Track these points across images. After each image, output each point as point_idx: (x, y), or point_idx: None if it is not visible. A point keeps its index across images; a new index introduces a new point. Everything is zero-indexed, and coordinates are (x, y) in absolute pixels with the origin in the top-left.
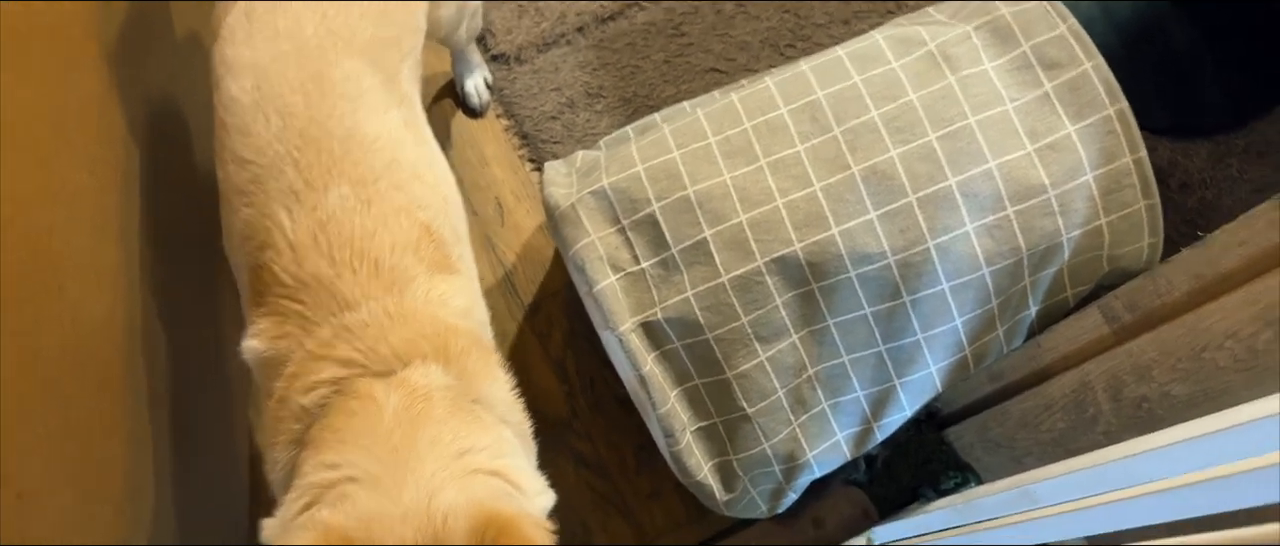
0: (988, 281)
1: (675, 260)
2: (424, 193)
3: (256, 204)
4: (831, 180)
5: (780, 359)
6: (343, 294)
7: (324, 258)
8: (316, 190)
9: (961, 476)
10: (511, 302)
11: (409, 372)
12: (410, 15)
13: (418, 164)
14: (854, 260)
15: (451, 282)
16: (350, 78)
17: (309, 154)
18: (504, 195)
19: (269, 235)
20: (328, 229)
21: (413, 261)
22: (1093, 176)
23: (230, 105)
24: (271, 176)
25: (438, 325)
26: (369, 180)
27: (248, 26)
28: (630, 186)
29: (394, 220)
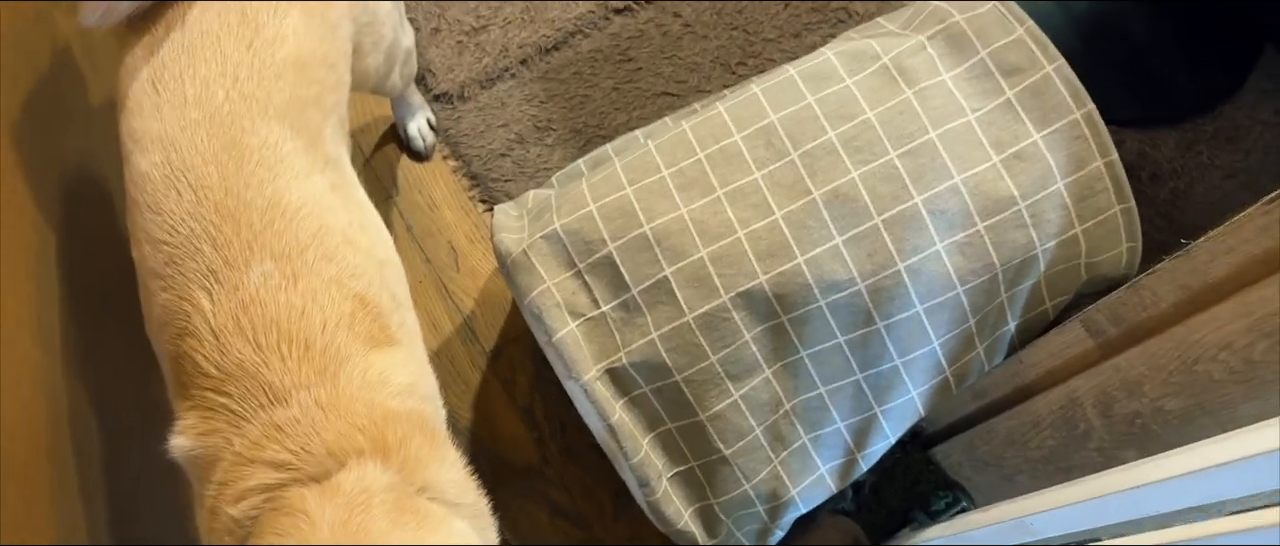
0: (963, 300)
1: (636, 301)
2: (356, 260)
3: (174, 287)
4: (792, 207)
5: (754, 396)
6: (271, 383)
7: (249, 343)
8: (237, 269)
9: (952, 496)
10: (472, 349)
11: (344, 477)
12: (331, 71)
13: (348, 229)
14: (822, 289)
15: (391, 357)
16: (268, 144)
17: (227, 229)
18: (457, 239)
19: (189, 320)
20: (251, 311)
21: (347, 339)
22: (1063, 184)
23: (140, 182)
24: (188, 256)
25: (375, 413)
26: (294, 253)
27: (155, 96)
28: (583, 227)
29: (324, 294)
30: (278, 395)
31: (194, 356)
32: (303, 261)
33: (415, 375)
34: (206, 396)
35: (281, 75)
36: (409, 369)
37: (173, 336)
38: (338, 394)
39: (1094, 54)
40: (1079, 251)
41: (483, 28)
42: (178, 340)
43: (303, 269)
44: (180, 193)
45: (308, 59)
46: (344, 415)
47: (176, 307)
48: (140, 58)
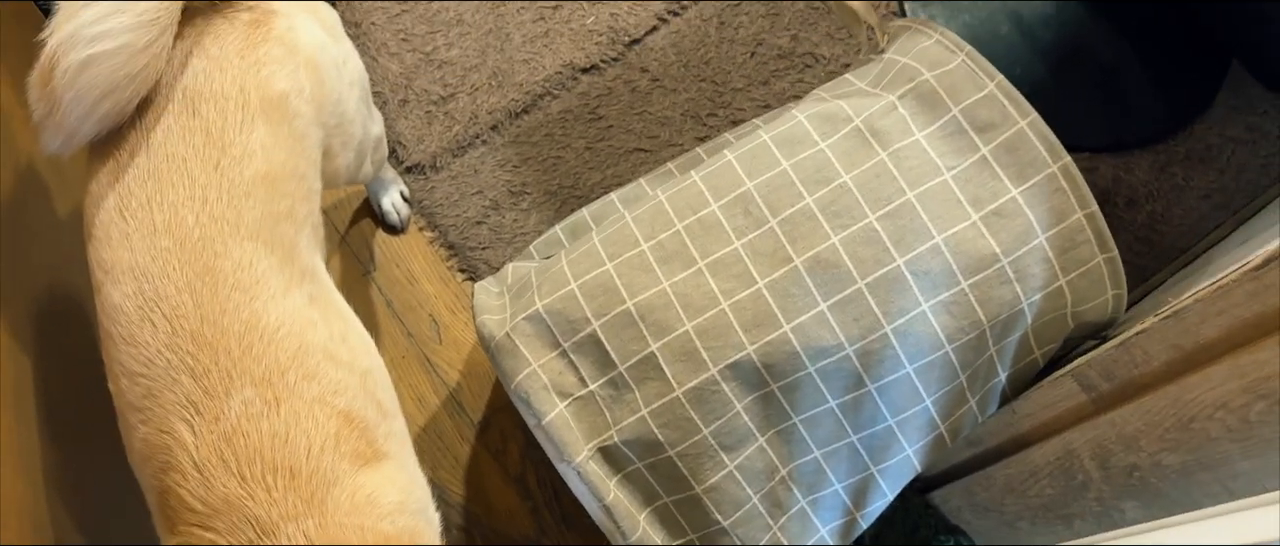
0: (952, 358)
1: (624, 378)
2: (339, 375)
3: (153, 420)
4: (775, 275)
5: (749, 465)
6: (258, 517)
7: (234, 476)
8: (217, 398)
9: (954, 541)
10: (460, 421)
11: None
12: (301, 182)
13: (329, 343)
14: (811, 355)
15: (380, 473)
16: (243, 266)
17: (205, 358)
18: (438, 311)
19: (171, 455)
20: (234, 442)
21: (333, 461)
22: (1045, 238)
23: (113, 314)
24: (166, 388)
25: (365, 539)
26: (275, 376)
27: (123, 225)
28: (566, 307)
29: (307, 417)
30: (265, 529)
31: (179, 491)
32: (284, 384)
33: (406, 488)
34: (193, 532)
35: (251, 193)
36: (399, 483)
37: (156, 471)
38: (326, 523)
39: (1062, 82)
40: (1064, 302)
41: (450, 96)
42: (161, 475)
43: (284, 392)
44: (155, 324)
45: (277, 173)
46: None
47: (158, 441)
48: (106, 184)
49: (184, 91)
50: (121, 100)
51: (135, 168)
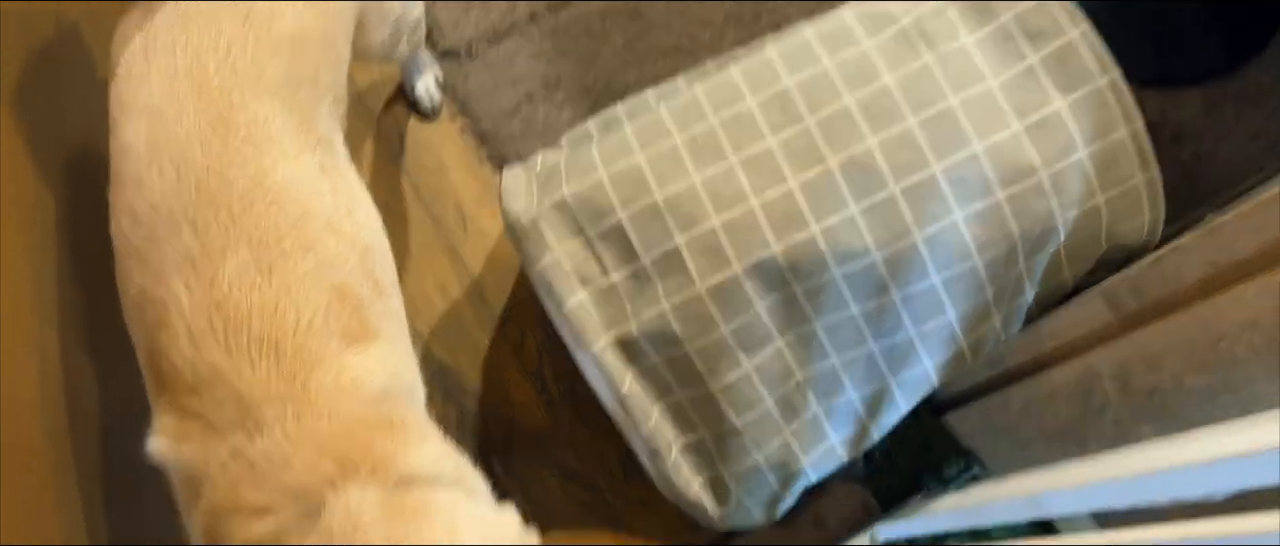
0: (981, 271)
1: (647, 271)
2: (338, 248)
3: (151, 270)
4: (808, 175)
5: (766, 367)
6: (241, 394)
7: (220, 346)
8: (214, 258)
9: (965, 462)
10: (481, 313)
11: (329, 518)
12: (330, 49)
13: (333, 215)
14: (837, 259)
15: (367, 354)
16: (257, 121)
17: (206, 212)
18: (465, 201)
19: (165, 312)
20: (225, 309)
21: (320, 339)
22: (1086, 153)
23: (124, 152)
24: (167, 238)
25: (337, 427)
26: (272, 241)
27: (145, 64)
28: (594, 195)
29: (298, 289)
30: (247, 409)
31: (169, 354)
32: (280, 251)
33: (393, 369)
34: (181, 399)
35: (277, 51)
36: (387, 363)
37: (148, 328)
38: (307, 407)
39: (1116, 12)
40: (1100, 221)
41: None
42: (154, 332)
43: (279, 259)
44: (162, 168)
45: (306, 36)
46: (310, 438)
47: (153, 295)
48: (134, 24)
49: None
50: None
51: (166, 10)
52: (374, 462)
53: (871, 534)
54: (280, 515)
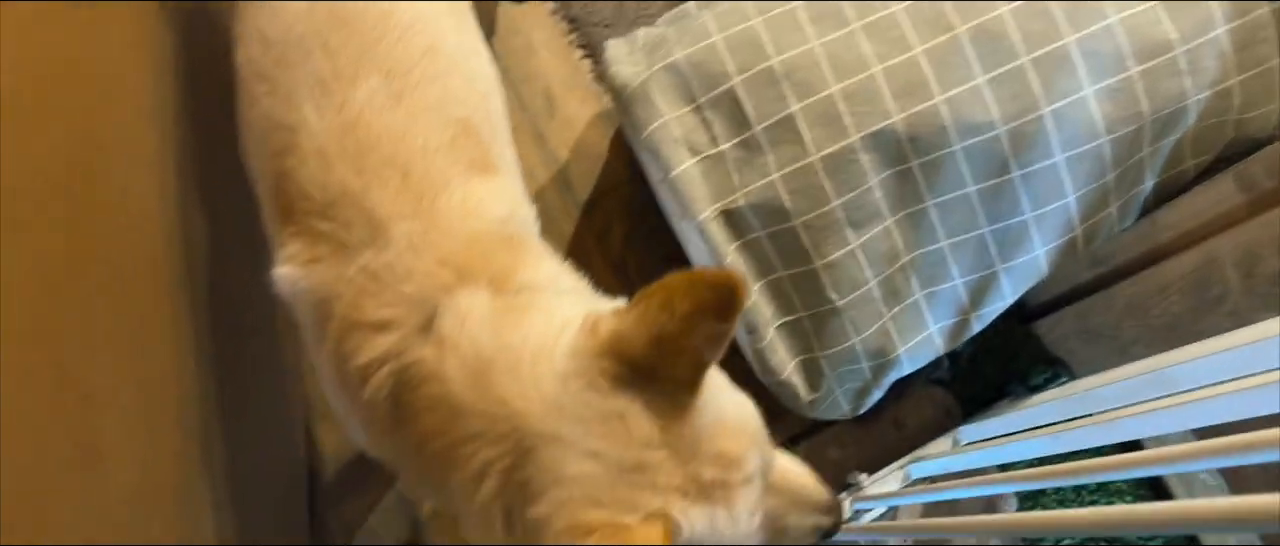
0: (1106, 151)
1: (758, 140)
2: (462, 86)
3: (279, 92)
4: (934, 43)
5: (873, 245)
6: (371, 211)
7: (351, 167)
8: (345, 81)
9: (1052, 371)
10: (566, 200)
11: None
12: None
13: (457, 54)
14: (960, 131)
15: (488, 185)
16: None
17: (339, 36)
18: (552, 85)
19: (293, 136)
20: (356, 131)
21: (446, 164)
22: (1225, 30)
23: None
24: (299, 61)
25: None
26: (401, 70)
27: None
28: (707, 59)
29: (426, 117)
30: (376, 226)
31: (296, 177)
32: (408, 80)
33: (511, 204)
34: (310, 223)
35: None
36: (506, 198)
37: (274, 152)
38: (433, 225)
39: None
40: (1231, 105)
41: None
42: (280, 157)
43: (407, 88)
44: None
45: None
46: (433, 250)
47: (282, 119)
48: None
49: None
50: None
51: None
52: (492, 274)
53: (955, 435)
54: (402, 329)
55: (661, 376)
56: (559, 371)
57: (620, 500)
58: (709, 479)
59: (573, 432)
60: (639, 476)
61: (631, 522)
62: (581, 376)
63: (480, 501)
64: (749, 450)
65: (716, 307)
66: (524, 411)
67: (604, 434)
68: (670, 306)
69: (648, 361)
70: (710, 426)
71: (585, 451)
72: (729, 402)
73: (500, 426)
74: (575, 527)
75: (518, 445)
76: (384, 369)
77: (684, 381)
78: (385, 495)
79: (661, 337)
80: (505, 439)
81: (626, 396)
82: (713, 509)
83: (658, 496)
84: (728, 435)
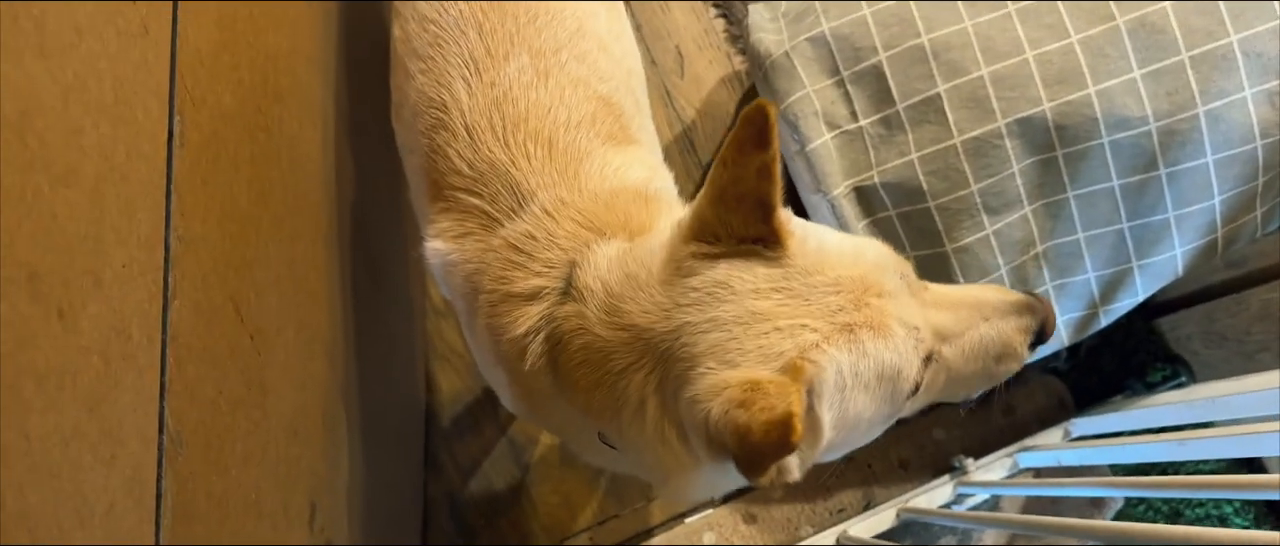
0: (1258, 155)
1: (900, 118)
2: (606, 64)
3: (434, 70)
4: (1092, 32)
5: (1008, 232)
6: (518, 183)
7: (498, 142)
8: (496, 60)
9: (1171, 369)
10: (689, 161)
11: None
12: None
13: (605, 35)
14: (1109, 124)
15: (628, 153)
16: None
17: (494, 17)
18: (685, 43)
19: (445, 112)
20: (503, 108)
21: (587, 137)
22: None
23: None
24: (453, 40)
25: (601, 201)
26: (549, 50)
27: None
28: (854, 32)
29: (571, 93)
30: (523, 196)
31: (448, 151)
32: (555, 59)
33: (650, 170)
34: (459, 197)
35: None
36: (644, 166)
37: (426, 127)
38: (574, 192)
39: None
40: None
41: None
42: (432, 133)
43: (554, 66)
44: None
45: None
46: (573, 214)
47: (434, 95)
48: None
49: None
50: None
51: None
52: (630, 229)
53: (1066, 428)
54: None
55: (744, 234)
56: (661, 277)
57: (751, 352)
58: (836, 305)
59: (692, 316)
60: (761, 325)
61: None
62: (679, 270)
63: (650, 431)
64: (872, 271)
65: (754, 137)
66: (647, 325)
67: (716, 303)
68: (723, 159)
69: (725, 223)
70: (816, 261)
71: (706, 325)
72: (834, 238)
73: (638, 349)
74: (714, 390)
75: (657, 358)
76: (538, 337)
77: (764, 227)
78: (497, 441)
79: (723, 192)
80: (645, 358)
81: (724, 265)
82: (854, 335)
83: (786, 338)
84: (840, 263)
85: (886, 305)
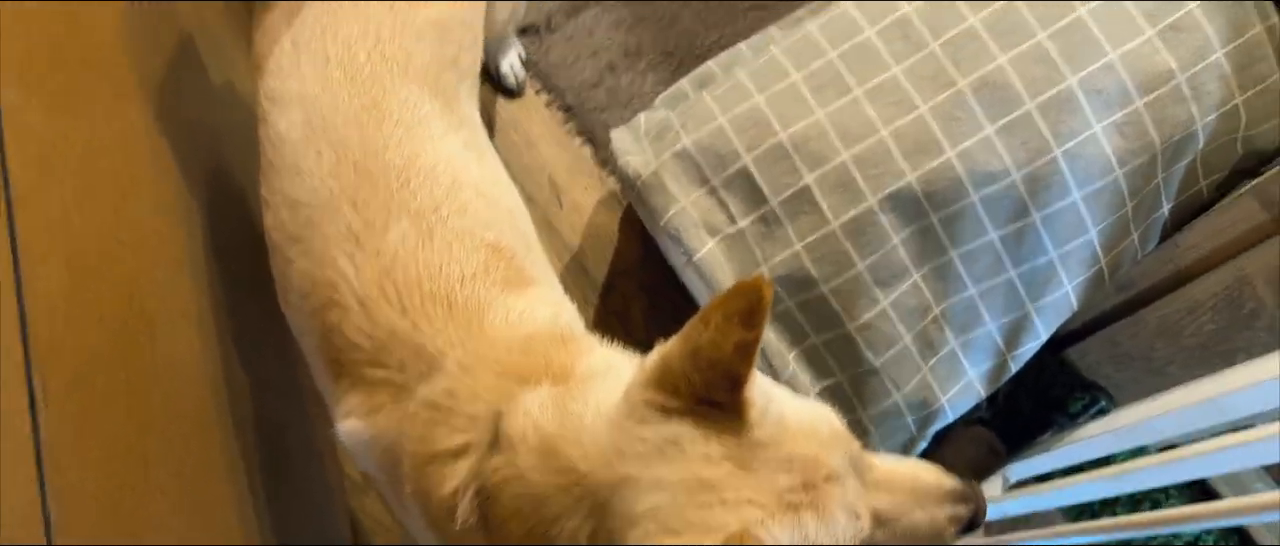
0: (1121, 184)
1: (776, 214)
2: (488, 211)
3: (313, 252)
4: (938, 99)
5: (903, 302)
6: (423, 347)
7: (396, 310)
8: (377, 230)
9: (1090, 396)
10: (583, 285)
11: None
12: (468, 31)
13: (480, 182)
14: (975, 182)
15: (528, 295)
16: (407, 104)
17: (366, 190)
18: (557, 174)
19: (334, 289)
20: (393, 274)
21: (484, 287)
22: (1223, 53)
23: (278, 143)
24: (328, 219)
25: (516, 349)
26: (428, 209)
27: (295, 57)
28: (715, 142)
29: (459, 248)
30: (430, 359)
31: (342, 329)
32: (437, 216)
33: (555, 307)
34: (364, 372)
35: (422, 36)
36: (548, 302)
37: (317, 308)
38: (484, 344)
39: None
40: (1238, 124)
41: None
42: (323, 313)
43: (437, 224)
44: (320, 152)
45: (448, 19)
46: (490, 366)
47: (319, 276)
48: (280, 20)
49: None
50: None
51: (311, 6)
52: (552, 373)
53: (1004, 475)
54: (477, 449)
55: (708, 396)
56: (611, 419)
57: (693, 523)
58: (785, 485)
59: (636, 470)
60: (707, 495)
61: None
62: (631, 415)
63: None
64: (823, 450)
65: (744, 312)
66: (588, 470)
67: (664, 463)
68: (706, 318)
69: (689, 381)
70: (773, 434)
71: (650, 484)
72: (791, 409)
73: (575, 494)
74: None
75: (594, 505)
76: (468, 494)
77: (728, 397)
78: None
79: (698, 351)
80: (582, 504)
81: (678, 422)
82: (797, 516)
83: (730, 513)
84: (794, 439)
85: (833, 490)
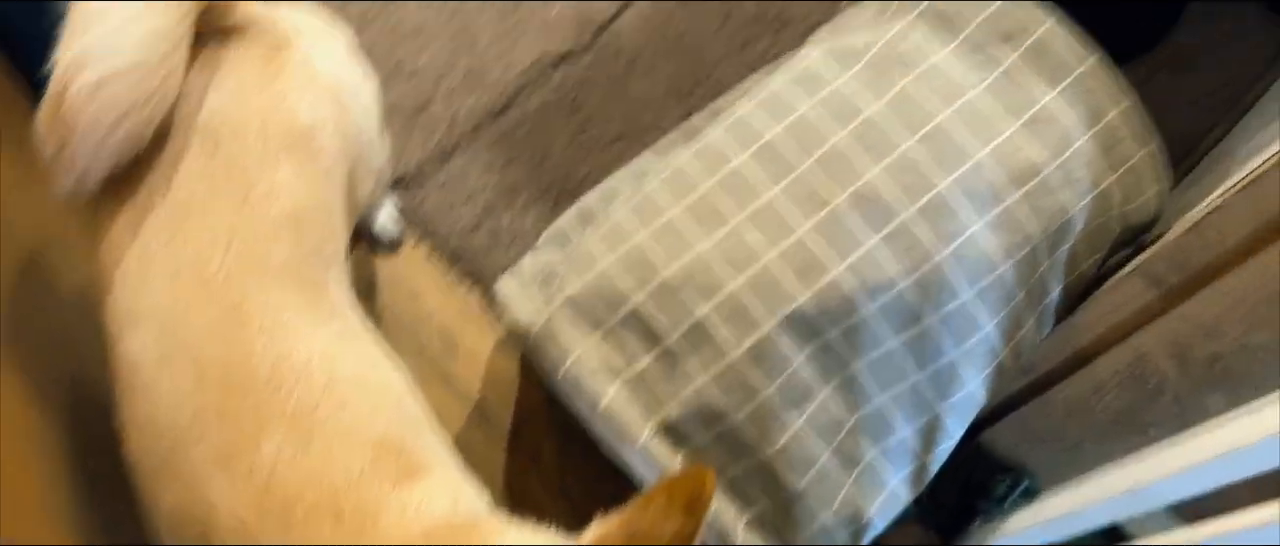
0: (1008, 276)
1: (674, 350)
2: (371, 400)
3: (182, 481)
4: (819, 217)
5: (817, 418)
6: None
7: (281, 529)
8: (249, 445)
9: (1012, 478)
10: (489, 434)
11: None
12: (329, 217)
13: (359, 371)
14: (867, 295)
15: (423, 485)
16: (270, 307)
17: (233, 402)
18: (447, 323)
19: (210, 517)
20: (272, 491)
21: (374, 487)
22: (1086, 140)
23: (132, 366)
24: (193, 442)
25: None
26: (306, 412)
27: (142, 270)
28: (602, 285)
29: (341, 448)
30: None
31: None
32: (315, 419)
33: (453, 493)
34: None
35: (278, 233)
36: (446, 487)
37: (195, 540)
38: None
39: None
40: (1112, 203)
41: (426, 104)
42: (202, 542)
43: (315, 427)
44: (178, 371)
45: (304, 211)
46: None
47: (191, 507)
48: (123, 232)
49: (202, 128)
50: (138, 124)
51: (154, 212)
52: None
53: None
54: None
55: None
56: None
57: None
58: None
59: None
60: None
61: None
62: None
63: None
64: None
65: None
66: None
67: None
68: (650, 501)
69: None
70: None
71: None
72: None
73: None
74: None
75: None
76: None
77: None
78: None
79: (635, 533)
80: None
81: None
82: None
83: None
84: None
85: None
